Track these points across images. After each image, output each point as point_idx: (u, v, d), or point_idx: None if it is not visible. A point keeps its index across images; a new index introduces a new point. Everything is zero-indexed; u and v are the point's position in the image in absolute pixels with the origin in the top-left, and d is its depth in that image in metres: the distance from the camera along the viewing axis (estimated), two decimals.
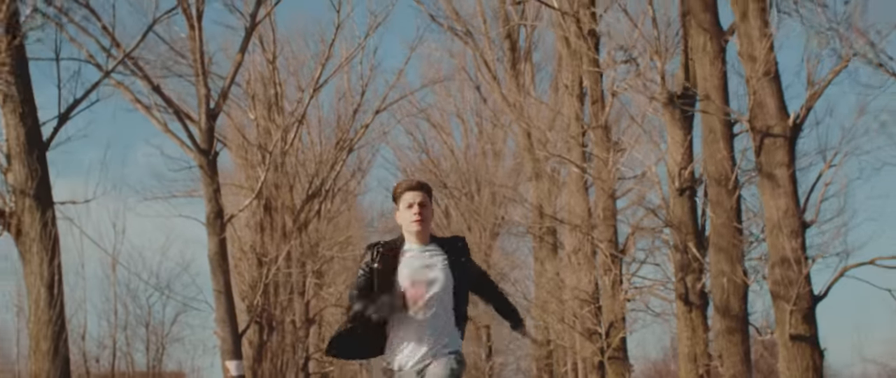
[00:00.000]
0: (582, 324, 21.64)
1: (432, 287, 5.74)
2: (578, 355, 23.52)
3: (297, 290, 34.95)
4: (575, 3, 20.72)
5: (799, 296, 10.80)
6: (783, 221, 10.94)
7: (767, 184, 11.21)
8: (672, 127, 15.05)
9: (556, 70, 27.63)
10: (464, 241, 5.97)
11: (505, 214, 29.28)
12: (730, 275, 12.41)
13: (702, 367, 14.08)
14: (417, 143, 50.38)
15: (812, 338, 10.95)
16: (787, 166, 10.99)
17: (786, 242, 10.87)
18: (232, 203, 30.69)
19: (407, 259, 5.69)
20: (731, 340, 12.54)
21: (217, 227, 27.03)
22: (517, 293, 30.07)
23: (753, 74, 11.05)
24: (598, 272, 21.01)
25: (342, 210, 45.66)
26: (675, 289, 15.24)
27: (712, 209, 12.96)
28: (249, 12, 28.41)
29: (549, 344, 27.54)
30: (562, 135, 22.77)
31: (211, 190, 27.28)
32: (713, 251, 13.11)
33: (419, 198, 5.74)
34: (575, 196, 22.05)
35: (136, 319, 14.93)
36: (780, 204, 11.01)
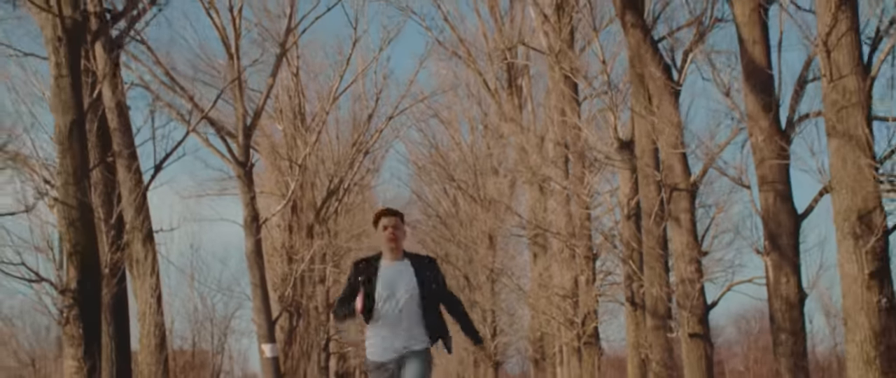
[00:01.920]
0: (563, 314, 26.34)
1: (399, 295, 6.91)
2: (562, 340, 28.20)
3: (319, 279, 39.59)
4: (557, 43, 25.20)
5: (694, 305, 15.44)
6: (684, 252, 15.57)
7: (674, 225, 15.85)
8: (621, 166, 19.71)
9: (546, 94, 32.09)
10: (434, 263, 7.22)
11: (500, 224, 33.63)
12: (657, 287, 17.08)
13: (643, 353, 18.73)
14: (427, 138, 54.47)
15: (705, 335, 15.60)
16: (688, 212, 15.58)
17: (685, 267, 15.51)
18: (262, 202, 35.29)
19: (381, 272, 6.90)
20: (657, 335, 17.21)
21: (253, 229, 31.75)
22: (513, 284, 34.71)
23: (665, 145, 15.65)
24: (576, 272, 25.64)
25: (358, 202, 50.23)
26: (625, 293, 19.97)
27: (644, 236, 17.58)
28: (279, 41, 33.06)
29: (540, 329, 32.30)
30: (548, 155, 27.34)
31: (248, 197, 31.96)
32: (646, 268, 17.77)
33: (392, 222, 6.99)
34: (558, 208, 26.68)
35: (204, 316, 19.59)
36: (683, 239, 15.64)
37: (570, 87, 23.55)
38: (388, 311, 6.86)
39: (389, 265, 6.91)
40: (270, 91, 32.75)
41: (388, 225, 6.91)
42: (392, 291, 6.87)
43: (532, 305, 31.51)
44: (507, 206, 31.52)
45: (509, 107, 32.60)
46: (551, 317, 27.27)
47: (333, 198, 41.21)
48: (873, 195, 10.05)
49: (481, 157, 47.91)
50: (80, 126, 13.54)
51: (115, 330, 14.11)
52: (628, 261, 19.52)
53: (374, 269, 6.91)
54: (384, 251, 6.97)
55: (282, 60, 33.21)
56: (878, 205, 10.08)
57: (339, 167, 40.60)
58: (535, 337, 34.93)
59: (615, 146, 19.60)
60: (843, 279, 10.30)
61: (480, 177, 47.55)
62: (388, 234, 6.88)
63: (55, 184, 13.34)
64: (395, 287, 6.87)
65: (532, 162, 27.27)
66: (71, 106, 13.48)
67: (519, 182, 35.02)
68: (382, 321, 6.86)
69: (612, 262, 24.45)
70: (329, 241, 39.82)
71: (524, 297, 32.77)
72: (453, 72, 37.83)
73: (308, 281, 35.69)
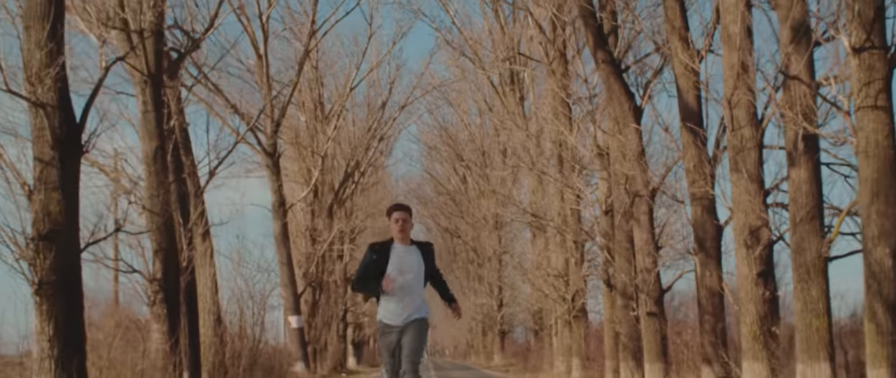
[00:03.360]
0: (557, 291, 30.34)
1: (407, 272, 8.31)
2: (556, 314, 32.22)
3: (338, 256, 43.57)
4: (552, 52, 28.94)
5: (650, 290, 19.40)
6: (643, 247, 19.50)
7: (635, 224, 19.78)
8: (600, 168, 23.63)
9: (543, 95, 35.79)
10: (431, 247, 8.69)
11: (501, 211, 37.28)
12: (624, 274, 21.03)
13: (617, 328, 22.70)
14: (437, 120, 57.98)
15: (659, 314, 19.54)
16: (647, 214, 19.48)
17: (644, 259, 19.45)
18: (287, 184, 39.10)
19: (394, 254, 8.32)
20: (625, 312, 21.19)
21: (280, 213, 35.77)
22: (515, 262, 38.74)
23: (628, 160, 19.55)
24: (567, 255, 29.57)
25: (372, 181, 53.91)
26: (602, 276, 23.97)
27: (616, 232, 21.53)
28: (304, 43, 36.89)
29: (538, 303, 36.40)
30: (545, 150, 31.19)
31: (276, 185, 35.95)
32: (616, 257, 21.73)
33: (402, 216, 8.39)
34: (553, 197, 30.59)
35: (247, 295, 23.59)
36: (643, 236, 19.56)
37: (563, 92, 27.33)
38: (398, 285, 8.32)
39: (400, 249, 8.37)
40: (295, 88, 36.39)
41: (399, 218, 8.37)
42: (401, 270, 8.33)
43: (532, 283, 35.55)
44: (506, 195, 35.28)
45: (512, 101, 36.45)
46: (546, 294, 31.31)
47: (350, 180, 44.92)
48: (761, 216, 13.92)
49: (488, 138, 51.42)
50: (162, 150, 17.54)
51: (188, 309, 18.13)
52: (604, 250, 23.52)
53: (387, 252, 8.33)
54: (395, 238, 8.39)
55: (305, 61, 36.93)
56: (765, 224, 13.95)
57: (356, 151, 44.22)
58: (534, 310, 39.02)
59: (595, 152, 23.52)
60: (739, 277, 14.22)
61: (488, 157, 51.17)
62: (400, 225, 8.34)
63: (143, 196, 17.34)
64: (405, 267, 8.34)
65: (530, 155, 31.21)
66: (155, 134, 17.48)
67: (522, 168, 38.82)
68: (394, 293, 8.33)
69: (596, 249, 28.37)
70: (346, 220, 43.55)
71: (525, 276, 36.80)
72: (461, 68, 41.48)
73: (328, 259, 39.71)
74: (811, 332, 12.22)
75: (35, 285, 11.99)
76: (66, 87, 12.51)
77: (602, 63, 20.09)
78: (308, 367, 34.19)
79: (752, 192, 14.00)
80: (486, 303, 53.49)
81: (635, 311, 20.49)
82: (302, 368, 33.51)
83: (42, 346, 12.02)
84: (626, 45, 20.98)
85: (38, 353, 12.07)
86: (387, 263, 8.25)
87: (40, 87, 12.04)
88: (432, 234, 68.50)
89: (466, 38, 38.42)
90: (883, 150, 10.51)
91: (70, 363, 11.99)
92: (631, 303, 21.20)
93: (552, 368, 33.51)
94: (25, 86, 12.20)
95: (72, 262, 12.35)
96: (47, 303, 11.97)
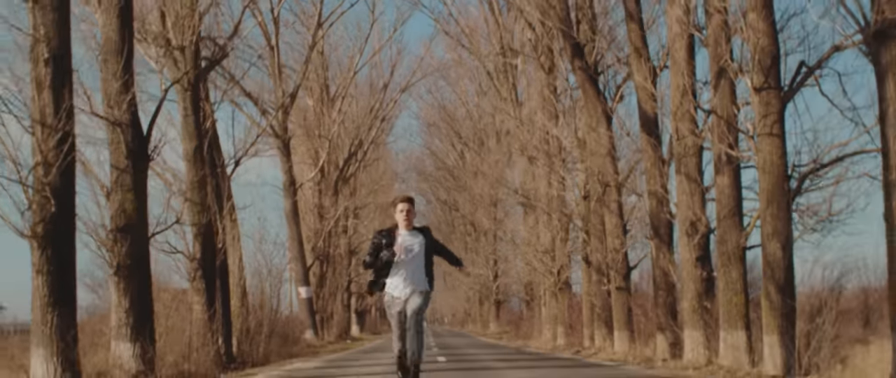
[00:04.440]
0: (545, 266, 33.73)
1: (412, 251, 9.94)
2: (544, 286, 35.64)
3: (342, 231, 46.87)
4: (540, 49, 32.10)
5: (619, 267, 22.77)
6: (613, 230, 22.84)
7: (606, 210, 23.12)
8: (580, 159, 26.93)
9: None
10: (428, 229, 10.34)
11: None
12: (598, 253, 24.39)
13: (592, 300, 26.08)
14: (436, 99, 60.99)
15: (626, 288, 22.90)
16: (616, 202, 22.79)
17: (613, 240, 22.80)
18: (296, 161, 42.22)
19: (400, 237, 9.98)
20: (599, 287, 24.59)
21: (291, 192, 39.07)
22: (508, 238, 42.11)
23: (600, 154, 22.84)
24: (553, 233, 32.92)
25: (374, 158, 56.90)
26: (581, 253, 27.34)
27: (591, 216, 24.87)
28: (311, 34, 39.99)
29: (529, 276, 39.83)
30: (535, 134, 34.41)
31: (286, 166, 39.23)
32: (592, 237, 25.09)
33: (407, 206, 10.04)
34: (541, 179, 33.88)
35: (266, 270, 26.97)
36: (613, 221, 22.89)
37: (548, 89, 30.57)
38: (403, 263, 9.99)
39: (404, 233, 10.05)
40: (304, 77, 39.50)
41: (403, 208, 10.05)
42: (406, 251, 9.93)
43: (523, 257, 38.93)
44: (499, 177, 38.58)
45: (505, 88, 39.67)
46: (535, 268, 34.72)
47: (354, 159, 48.08)
48: (700, 210, 17.21)
49: (485, 117, 54.44)
50: (200, 148, 20.81)
51: (221, 284, 21.47)
52: (582, 231, 26.87)
53: (393, 237, 10.00)
54: (400, 224, 10.05)
55: (312, 51, 40.04)
56: (702, 216, 17.24)
57: (359, 131, 47.34)
58: (525, 282, 42.46)
59: (575, 143, 26.81)
60: (682, 261, 17.55)
61: (484, 135, 54.27)
62: (405, 214, 10.03)
63: (184, 188, 20.63)
64: (408, 248, 9.97)
65: (520, 141, 34.50)
66: (194, 135, 20.75)
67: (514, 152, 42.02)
68: (399, 269, 9.99)
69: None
70: (351, 197, 46.76)
71: (517, 250, 40.20)
72: (458, 54, 44.63)
73: (334, 233, 43.06)
74: (731, 306, 15.55)
75: (114, 268, 15.31)
76: (136, 108, 15.77)
77: (578, 70, 23.35)
78: (317, 334, 37.65)
79: (692, 191, 17.32)
80: (482, 273, 56.84)
81: (607, 285, 23.88)
82: (311, 335, 36.94)
83: (119, 316, 15.35)
84: (600, 55, 24.20)
85: (116, 321, 15.41)
86: (395, 244, 9.94)
87: (117, 109, 15.31)
88: (432, 206, 71.94)
89: (463, 27, 41.50)
90: (776, 168, 13.80)
91: (142, 329, 15.32)
92: (603, 278, 24.60)
93: (541, 335, 36.95)
94: (104, 108, 15.47)
95: (142, 250, 15.68)
96: (123, 282, 15.29)
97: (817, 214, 15.33)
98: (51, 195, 12.36)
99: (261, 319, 24.63)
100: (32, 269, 12.51)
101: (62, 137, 12.44)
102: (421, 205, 73.49)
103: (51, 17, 12.68)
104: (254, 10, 37.49)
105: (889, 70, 10.50)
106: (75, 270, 13.00)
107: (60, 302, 12.56)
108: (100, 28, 15.91)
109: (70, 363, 12.56)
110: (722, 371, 14.86)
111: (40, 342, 12.50)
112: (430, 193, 70.47)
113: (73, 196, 12.98)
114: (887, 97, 10.57)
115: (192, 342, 18.21)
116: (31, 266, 12.51)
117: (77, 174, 13.57)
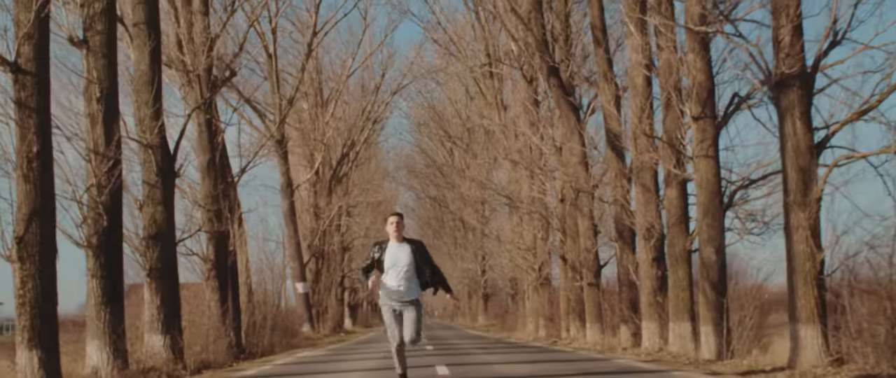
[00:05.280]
0: (527, 262, 36.50)
1: (399, 263, 10.84)
2: (527, 281, 38.44)
3: (335, 227, 49.50)
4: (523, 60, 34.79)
5: (590, 265, 25.54)
6: (585, 232, 25.62)
7: (579, 214, 25.89)
8: (558, 165, 29.68)
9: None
10: (422, 244, 11.19)
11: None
12: (572, 253, 27.15)
13: (568, 295, 28.86)
14: (425, 98, 63.47)
15: (596, 284, 25.67)
16: (588, 206, 25.56)
17: (585, 241, 25.58)
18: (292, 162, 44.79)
19: (390, 248, 10.91)
20: (574, 283, 27.37)
21: (288, 193, 41.68)
22: (493, 236, 44.88)
23: (573, 163, 25.57)
24: (535, 232, 35.67)
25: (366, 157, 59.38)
26: (558, 252, 30.11)
27: (567, 218, 27.62)
28: (307, 42, 42.56)
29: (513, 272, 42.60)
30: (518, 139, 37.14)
31: (284, 168, 41.81)
32: (568, 237, 27.86)
33: (397, 220, 10.99)
34: (524, 182, 36.60)
35: (269, 268, 29.71)
36: (585, 223, 25.67)
37: (529, 101, 33.28)
38: (393, 275, 10.91)
39: (394, 245, 11.01)
40: (300, 84, 42.03)
41: (393, 221, 11.02)
42: (395, 261, 10.91)
43: (508, 253, 41.71)
44: (485, 180, 41.30)
45: (490, 93, 42.38)
46: (519, 264, 37.49)
47: (346, 159, 50.66)
48: (655, 216, 19.93)
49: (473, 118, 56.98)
50: (213, 160, 23.49)
51: (231, 282, 24.16)
52: (559, 231, 29.62)
53: (385, 247, 10.99)
54: (391, 237, 11.01)
55: (309, 57, 42.60)
56: (656, 223, 19.97)
57: (351, 132, 49.94)
58: (510, 277, 45.24)
59: (553, 151, 29.55)
60: (640, 261, 20.32)
61: (472, 134, 56.83)
62: (395, 228, 11.00)
63: (199, 196, 23.31)
64: (398, 258, 10.94)
65: (504, 146, 37.25)
66: (207, 148, 23.42)
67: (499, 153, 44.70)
68: (389, 279, 10.93)
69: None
70: (344, 196, 49.32)
71: (502, 247, 42.97)
72: (446, 60, 47.27)
73: (328, 232, 45.74)
74: (678, 301, 18.30)
75: (146, 270, 17.99)
76: (165, 132, 18.43)
77: (553, 87, 26.09)
78: (313, 327, 40.37)
79: (647, 200, 20.06)
80: (470, 268, 59.60)
81: (580, 282, 26.65)
82: (308, 328, 39.64)
83: (152, 312, 18.03)
84: (572, 75, 26.89)
85: (149, 317, 18.09)
86: (385, 254, 10.99)
87: (149, 134, 17.97)
88: (422, 202, 74.56)
89: (451, 35, 44.15)
90: (711, 185, 16.54)
91: (172, 324, 18.00)
92: (577, 275, 27.36)
93: (524, 327, 39.75)
94: (137, 132, 18.13)
95: (171, 255, 18.37)
96: (155, 283, 17.97)
97: (756, 220, 18.12)
98: (103, 212, 15.02)
99: (265, 314, 27.33)
100: (88, 274, 15.16)
101: (113, 164, 15.09)
102: (411, 201, 76.06)
103: (101, 62, 15.33)
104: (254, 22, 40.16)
105: (787, 112, 13.20)
106: (123, 274, 15.69)
107: (111, 301, 15.22)
108: (133, 63, 18.58)
109: (120, 352, 15.23)
110: (669, 356, 17.63)
111: (95, 335, 15.17)
112: (420, 190, 73.04)
113: (121, 212, 15.65)
114: (786, 133, 13.26)
115: (208, 334, 20.91)
116: (86, 271, 15.16)
117: None
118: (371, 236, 57.56)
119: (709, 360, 16.07)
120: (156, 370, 16.45)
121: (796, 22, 13.17)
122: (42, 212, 12.60)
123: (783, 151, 13.45)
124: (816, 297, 12.96)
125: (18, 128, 12.62)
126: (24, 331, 12.47)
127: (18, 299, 12.55)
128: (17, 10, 12.73)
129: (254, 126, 40.39)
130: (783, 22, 13.08)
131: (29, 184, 12.54)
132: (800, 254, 13.10)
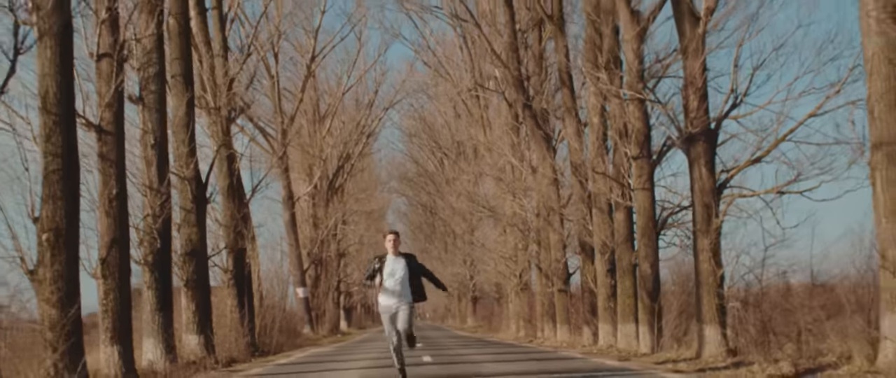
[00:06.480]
0: (509, 269, 40.63)
1: (395, 275, 12.79)
2: (510, 286, 42.57)
3: (332, 235, 53.49)
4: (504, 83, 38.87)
5: (560, 274, 29.67)
6: (556, 244, 29.77)
7: (551, 229, 30.02)
8: (533, 184, 33.80)
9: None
10: (414, 257, 13.14)
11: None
12: (546, 262, 31.31)
13: (542, 300, 32.97)
14: (416, 110, 67.41)
15: (566, 291, 29.80)
16: (559, 222, 29.68)
17: (555, 253, 29.71)
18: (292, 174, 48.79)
19: (388, 262, 12.84)
20: (546, 289, 31.49)
21: (289, 205, 45.71)
22: (479, 243, 49.01)
23: (545, 185, 29.69)
24: (516, 241, 39.77)
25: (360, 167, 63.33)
26: (535, 261, 34.27)
27: (541, 231, 31.76)
28: (307, 63, 46.60)
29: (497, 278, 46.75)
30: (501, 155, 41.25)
31: (285, 181, 45.85)
32: (542, 248, 31.99)
33: (393, 237, 12.98)
34: (506, 196, 40.71)
35: (275, 276, 33.79)
36: (555, 237, 29.82)
37: (509, 123, 37.37)
38: (390, 283, 12.86)
39: (392, 258, 12.96)
40: (300, 103, 46.05)
41: (391, 239, 13.01)
42: (392, 273, 12.81)
43: (493, 260, 45.81)
44: (470, 193, 45.39)
45: (477, 111, 46.51)
46: (501, 271, 41.63)
47: (342, 171, 54.67)
48: (609, 235, 24.03)
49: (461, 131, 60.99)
50: (232, 185, 27.57)
51: (247, 289, 28.23)
52: (536, 243, 33.77)
53: (384, 260, 12.92)
54: (389, 251, 12.95)
55: (309, 78, 46.62)
56: (610, 240, 24.05)
57: (347, 145, 53.95)
58: (495, 282, 49.39)
59: (529, 171, 33.68)
60: (597, 272, 24.46)
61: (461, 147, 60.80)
62: (392, 244, 12.95)
63: (220, 216, 27.37)
64: (394, 270, 12.84)
65: (489, 161, 41.37)
66: (227, 175, 27.50)
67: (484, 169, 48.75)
68: (387, 288, 12.92)
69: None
70: (341, 206, 53.31)
71: (488, 254, 47.06)
72: (436, 80, 51.38)
73: (326, 240, 49.81)
74: (625, 306, 22.40)
75: (184, 281, 22.04)
76: (198, 165, 22.48)
77: (528, 118, 30.22)
78: (313, 328, 44.46)
79: (602, 221, 24.19)
80: (459, 272, 63.66)
81: (552, 288, 30.78)
82: (308, 330, 43.71)
83: (188, 316, 22.10)
84: (543, 108, 30.99)
85: (186, 320, 22.15)
86: (383, 267, 12.94)
87: (185, 168, 22.03)
88: (414, 209, 78.60)
89: (440, 57, 48.25)
90: (647, 211, 20.65)
91: (204, 326, 22.07)
92: (549, 282, 31.49)
93: (508, 328, 43.88)
94: (176, 166, 22.18)
95: (203, 268, 22.45)
96: (191, 292, 22.04)
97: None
98: (157, 236, 19.06)
99: (274, 317, 31.38)
100: (144, 286, 19.21)
101: (165, 198, 19.14)
102: (403, 206, 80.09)
103: (155, 116, 19.38)
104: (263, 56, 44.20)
105: (695, 161, 17.29)
106: (172, 286, 19.75)
107: (163, 308, 19.27)
108: (171, 109, 22.62)
109: (170, 348, 19.29)
110: (616, 351, 21.73)
111: (150, 334, 19.21)
112: (412, 198, 77.07)
113: (170, 236, 19.72)
114: (694, 177, 17.36)
115: (229, 334, 24.98)
116: (143, 284, 19.21)
117: None
118: (365, 244, 61.73)
119: (644, 354, 20.17)
120: (195, 364, 20.52)
121: (702, 91, 17.29)
122: (120, 240, 16.64)
123: (692, 191, 17.56)
124: (717, 304, 17.08)
125: (101, 175, 16.65)
126: (107, 331, 16.50)
127: (102, 307, 16.59)
128: (100, 84, 16.77)
129: (256, 142, 44.37)
130: (690, 92, 17.20)
131: (109, 218, 16.56)
132: (704, 270, 17.21)
